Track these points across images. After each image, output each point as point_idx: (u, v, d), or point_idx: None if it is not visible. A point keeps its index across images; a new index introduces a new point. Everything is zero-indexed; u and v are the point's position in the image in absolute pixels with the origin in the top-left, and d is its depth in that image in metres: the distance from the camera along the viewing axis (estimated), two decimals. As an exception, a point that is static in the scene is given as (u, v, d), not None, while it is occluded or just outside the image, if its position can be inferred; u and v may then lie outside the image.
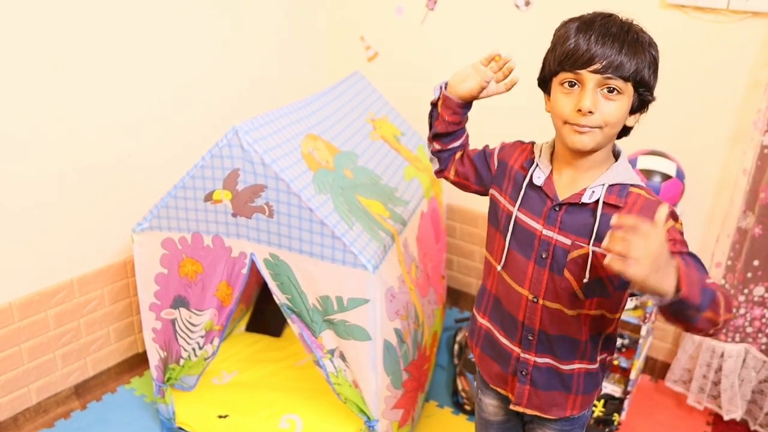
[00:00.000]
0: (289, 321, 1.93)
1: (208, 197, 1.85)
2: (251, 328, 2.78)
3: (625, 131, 1.26)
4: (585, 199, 1.24)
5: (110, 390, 2.50)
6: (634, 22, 1.19)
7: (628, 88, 1.16)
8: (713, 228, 2.34)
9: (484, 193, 1.51)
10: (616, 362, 2.33)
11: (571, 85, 1.18)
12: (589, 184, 1.25)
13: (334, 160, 2.04)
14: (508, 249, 1.35)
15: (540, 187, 1.30)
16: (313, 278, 1.85)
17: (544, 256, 1.29)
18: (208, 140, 2.29)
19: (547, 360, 1.37)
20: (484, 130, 2.79)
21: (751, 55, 2.11)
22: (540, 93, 1.35)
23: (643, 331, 2.26)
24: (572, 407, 1.41)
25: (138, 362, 2.60)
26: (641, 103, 1.21)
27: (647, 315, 2.23)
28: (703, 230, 2.37)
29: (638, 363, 2.34)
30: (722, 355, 2.31)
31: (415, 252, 2.17)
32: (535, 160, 1.34)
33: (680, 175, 2.16)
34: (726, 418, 2.35)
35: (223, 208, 1.86)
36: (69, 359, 2.36)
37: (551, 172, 1.30)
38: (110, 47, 2.19)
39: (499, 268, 1.38)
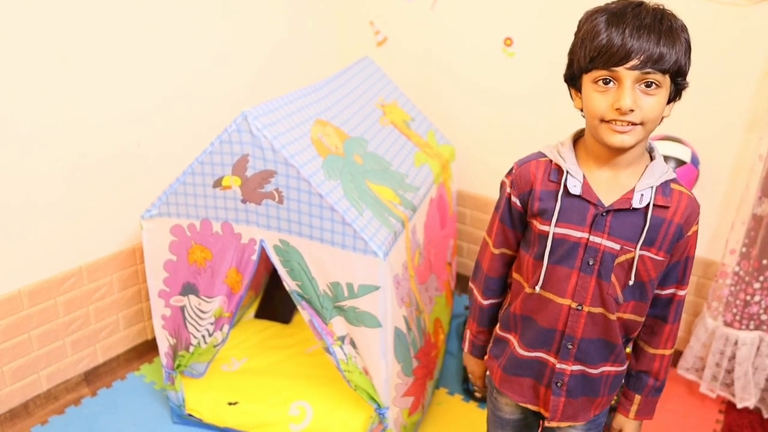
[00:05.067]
0: (299, 307, 1.92)
1: (217, 183, 1.84)
2: (260, 314, 2.78)
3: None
4: (636, 204, 1.19)
5: (120, 377, 2.50)
6: (666, 8, 1.13)
7: (667, 80, 1.11)
8: (728, 214, 2.30)
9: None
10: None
11: (606, 82, 1.12)
12: (630, 183, 1.21)
13: (344, 146, 2.02)
14: (547, 266, 1.28)
15: (579, 196, 1.22)
16: (324, 264, 1.83)
17: (591, 263, 1.24)
18: (217, 128, 2.27)
19: (579, 367, 1.34)
20: (497, 120, 2.77)
21: (767, 39, 2.07)
22: (547, 83, 1.32)
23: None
24: (596, 408, 1.40)
25: (147, 349, 2.60)
26: (677, 92, 1.17)
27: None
28: (717, 217, 2.33)
29: (650, 351, 2.32)
30: (736, 343, 2.28)
31: (421, 238, 2.16)
32: (562, 168, 1.25)
33: (695, 161, 2.13)
34: (739, 406, 2.33)
35: (233, 194, 1.84)
36: (79, 346, 2.36)
37: (584, 175, 1.23)
38: (118, 37, 2.17)
39: (537, 289, 1.30)
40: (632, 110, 1.10)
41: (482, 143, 2.82)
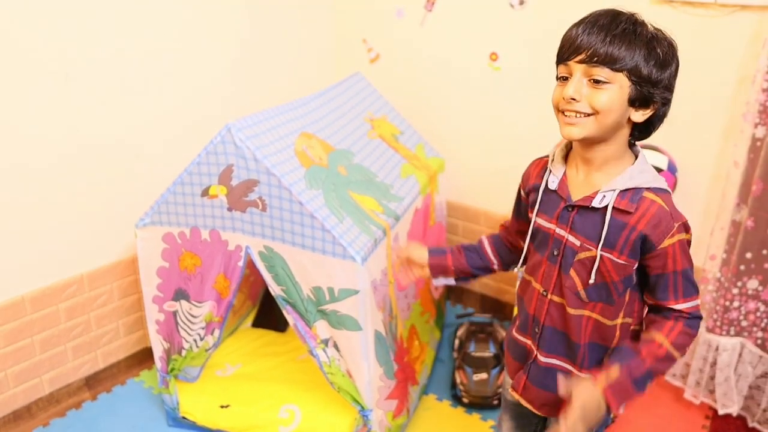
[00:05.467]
0: (284, 312, 2.00)
1: (205, 192, 1.93)
2: (257, 323, 2.86)
3: (641, 130, 1.27)
4: (595, 204, 1.26)
5: (120, 382, 2.59)
6: (639, 17, 1.19)
7: (619, 78, 1.16)
8: (708, 221, 2.35)
9: None
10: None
11: (564, 78, 1.22)
12: (602, 183, 1.27)
13: (328, 158, 2.11)
14: (528, 249, 1.44)
15: (555, 191, 1.34)
16: (306, 269, 1.91)
17: (555, 253, 1.34)
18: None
19: (553, 361, 1.42)
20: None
21: (740, 48, 2.13)
22: (533, 95, 1.40)
23: (637, 324, 2.27)
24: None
25: (147, 356, 2.69)
26: (644, 98, 1.20)
27: (640, 308, 2.25)
28: (698, 223, 2.38)
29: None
30: (717, 349, 2.32)
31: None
32: (548, 167, 1.38)
33: (672, 168, 2.19)
34: (721, 412, 2.36)
35: (219, 202, 1.93)
36: (80, 352, 2.46)
37: (564, 173, 1.34)
38: (119, 47, 2.29)
39: (517, 268, 1.49)
40: (575, 99, 1.18)
41: (472, 155, 2.90)
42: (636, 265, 1.29)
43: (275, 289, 1.99)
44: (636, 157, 1.30)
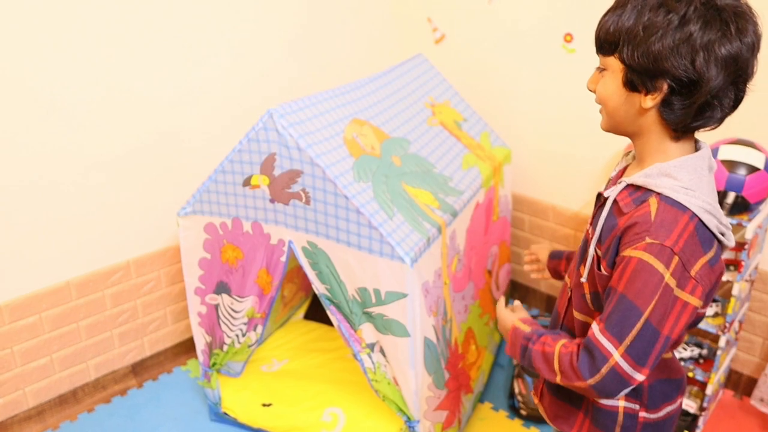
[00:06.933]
0: (327, 312, 1.87)
1: (247, 182, 1.81)
2: (309, 316, 2.75)
3: (679, 122, 1.02)
4: (606, 194, 1.14)
5: (167, 370, 2.54)
6: None
7: (611, 62, 1.05)
8: (813, 229, 2.05)
9: None
10: (691, 374, 2.11)
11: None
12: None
13: (381, 147, 1.94)
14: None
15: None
16: (352, 268, 1.77)
17: (582, 244, 1.23)
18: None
19: None
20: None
21: None
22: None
23: (722, 342, 2.02)
24: (580, 429, 1.26)
25: (194, 344, 2.63)
26: (640, 78, 1.01)
27: (727, 324, 1.99)
28: (800, 231, 2.08)
29: (717, 376, 2.10)
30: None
31: (461, 245, 2.05)
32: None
33: (772, 167, 1.91)
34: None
35: (261, 193, 1.81)
36: (126, 338, 2.42)
37: (619, 171, 1.22)
38: (174, 26, 2.19)
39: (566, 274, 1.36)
40: (591, 91, 1.12)
41: (541, 145, 2.67)
42: None
43: (319, 288, 1.85)
44: (684, 155, 1.07)
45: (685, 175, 1.03)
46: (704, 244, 1.01)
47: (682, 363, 2.16)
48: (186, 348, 2.62)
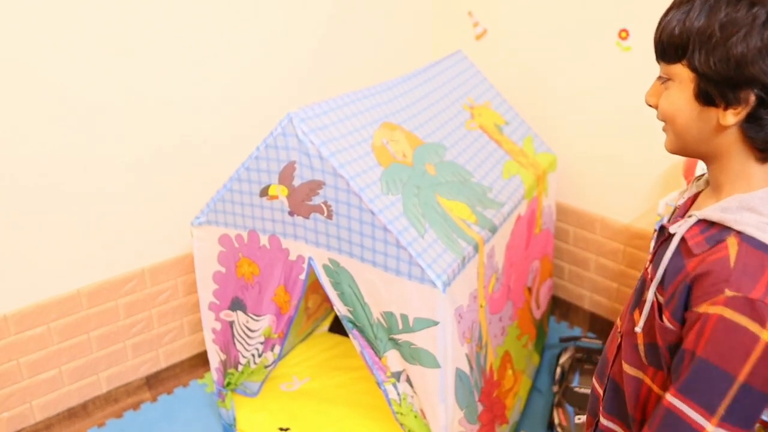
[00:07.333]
0: (350, 336, 1.69)
1: (264, 192, 1.65)
2: (334, 329, 2.59)
3: (763, 141, 0.82)
4: (672, 229, 0.92)
5: (183, 383, 2.40)
6: None
7: (677, 71, 0.86)
8: None
9: None
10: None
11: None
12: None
13: (414, 154, 1.76)
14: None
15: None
16: (377, 290, 1.59)
17: (639, 284, 1.03)
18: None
19: (611, 426, 1.07)
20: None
21: None
22: None
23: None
24: None
25: (213, 356, 2.50)
26: (717, 90, 0.82)
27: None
28: None
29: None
30: None
31: (500, 262, 1.85)
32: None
33: None
34: None
35: (279, 205, 1.64)
36: (140, 350, 2.29)
37: (697, 193, 1.01)
38: (195, 24, 2.04)
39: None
40: (650, 105, 0.94)
41: (590, 151, 2.45)
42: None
43: (341, 309, 1.68)
44: None
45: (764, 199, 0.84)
46: None
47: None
48: (203, 360, 2.48)
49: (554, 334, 2.65)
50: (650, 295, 0.92)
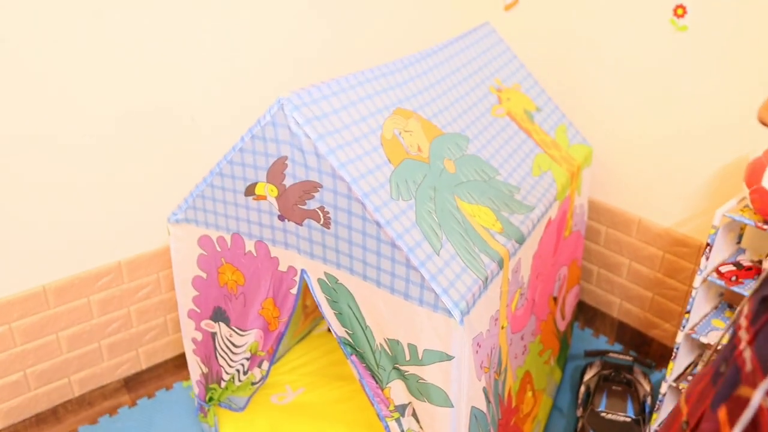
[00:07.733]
0: (349, 362, 1.44)
1: (250, 191, 1.38)
2: (334, 328, 2.35)
3: None
4: None
5: (166, 385, 2.18)
6: None
7: None
8: None
9: None
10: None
11: None
12: None
13: (431, 147, 1.48)
14: None
15: None
16: (381, 314, 1.33)
17: (722, 369, 0.76)
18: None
19: None
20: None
21: None
22: (729, 67, 0.71)
23: None
24: None
25: (200, 356, 2.26)
26: None
27: None
28: None
29: None
30: None
31: (526, 275, 1.59)
32: None
33: None
34: None
35: (268, 207, 1.38)
36: (117, 350, 2.05)
37: None
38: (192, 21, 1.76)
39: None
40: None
41: (631, 144, 2.15)
42: None
43: (338, 331, 1.42)
44: None
45: None
46: None
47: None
48: (189, 360, 2.25)
49: (578, 343, 2.40)
50: (756, 398, 0.66)
